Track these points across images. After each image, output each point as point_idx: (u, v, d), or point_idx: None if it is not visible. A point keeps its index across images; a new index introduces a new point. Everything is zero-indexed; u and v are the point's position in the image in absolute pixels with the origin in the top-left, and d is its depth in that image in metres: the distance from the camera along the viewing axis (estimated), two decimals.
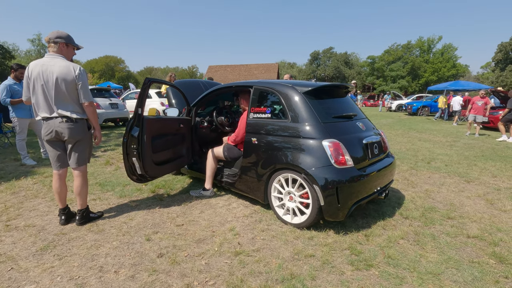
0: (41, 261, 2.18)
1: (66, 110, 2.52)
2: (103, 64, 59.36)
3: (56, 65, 2.46)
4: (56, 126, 2.53)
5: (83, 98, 2.56)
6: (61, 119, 2.52)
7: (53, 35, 2.50)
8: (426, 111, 18.28)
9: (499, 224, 2.90)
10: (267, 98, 3.11)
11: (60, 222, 2.77)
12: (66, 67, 2.47)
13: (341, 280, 2.00)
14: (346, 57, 53.40)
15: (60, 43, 2.52)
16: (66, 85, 2.47)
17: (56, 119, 2.52)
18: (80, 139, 2.64)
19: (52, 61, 2.48)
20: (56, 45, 2.51)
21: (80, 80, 2.52)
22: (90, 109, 2.62)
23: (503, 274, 2.08)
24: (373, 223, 2.87)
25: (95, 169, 4.73)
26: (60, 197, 2.74)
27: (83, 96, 2.56)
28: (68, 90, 2.49)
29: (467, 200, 3.55)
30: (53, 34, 2.50)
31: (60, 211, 2.79)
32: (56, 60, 2.49)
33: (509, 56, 41.32)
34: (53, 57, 2.50)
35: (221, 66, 40.08)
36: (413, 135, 9.22)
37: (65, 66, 2.48)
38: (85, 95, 2.57)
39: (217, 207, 3.24)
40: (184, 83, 4.55)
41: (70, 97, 2.52)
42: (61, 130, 2.54)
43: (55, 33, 2.51)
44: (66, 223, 2.77)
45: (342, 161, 2.57)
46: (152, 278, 2.01)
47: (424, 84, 42.83)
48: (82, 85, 2.54)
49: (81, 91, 2.54)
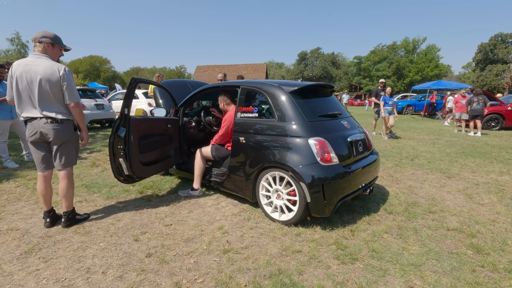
0: (26, 264, 2.14)
1: (51, 111, 2.48)
2: (87, 64, 58.06)
3: (41, 65, 2.41)
4: (40, 127, 2.48)
5: (68, 99, 2.52)
6: (45, 120, 2.47)
7: (39, 34, 2.46)
8: (411, 110, 18.82)
9: (477, 217, 3.04)
10: (254, 98, 3.15)
11: (45, 225, 2.72)
12: (50, 67, 2.43)
13: (327, 274, 2.06)
14: (333, 58, 54.13)
15: (45, 43, 2.48)
16: (50, 85, 2.43)
17: (41, 120, 2.48)
18: (66, 140, 2.60)
19: (37, 61, 2.43)
20: (41, 45, 2.47)
21: (65, 80, 2.48)
22: (76, 110, 2.59)
23: (480, 264, 2.19)
24: (359, 219, 2.95)
25: (81, 170, 4.65)
26: (45, 199, 2.69)
27: (69, 97, 2.52)
28: (53, 91, 2.45)
29: (447, 195, 3.69)
30: (39, 34, 2.46)
31: (45, 213, 2.74)
32: (41, 60, 2.44)
33: (489, 56, 42.90)
34: (37, 57, 2.45)
35: (209, 66, 39.89)
36: (398, 133, 9.45)
37: (49, 66, 2.43)
38: (71, 95, 2.53)
39: (206, 207, 3.26)
40: (171, 83, 4.53)
41: (55, 98, 2.48)
42: (46, 131, 2.49)
43: (41, 33, 2.46)
44: (52, 225, 2.73)
45: (327, 158, 2.63)
46: (141, 277, 2.01)
47: (409, 83, 43.91)
48: (68, 86, 2.49)
49: (66, 92, 2.50)
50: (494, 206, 3.32)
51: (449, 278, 2.01)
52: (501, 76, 40.54)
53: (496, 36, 42.16)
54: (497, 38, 42.09)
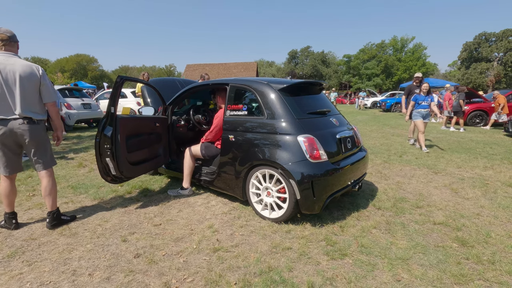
0: (8, 268, 2.08)
1: (30, 111, 2.44)
2: (74, 63, 56.79)
3: (17, 64, 2.37)
4: (16, 127, 2.40)
5: (48, 98, 2.53)
6: (22, 120, 2.41)
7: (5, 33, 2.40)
8: (399, 107, 19.10)
9: (462, 210, 3.11)
10: (243, 96, 3.13)
11: (11, 227, 2.63)
12: (28, 66, 2.41)
13: (317, 270, 2.07)
14: (323, 56, 54.48)
15: (12, 41, 2.45)
16: (30, 85, 2.41)
17: (16, 121, 2.40)
18: (42, 141, 2.56)
19: (10, 59, 2.38)
20: (7, 43, 2.41)
21: (45, 80, 2.49)
22: (54, 109, 2.60)
23: (465, 256, 2.24)
24: (348, 215, 2.98)
25: (67, 171, 4.54)
26: (10, 200, 2.61)
27: (48, 96, 2.53)
28: (31, 90, 2.43)
29: (434, 190, 3.77)
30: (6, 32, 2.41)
31: (7, 215, 2.64)
32: (14, 59, 2.40)
33: (473, 55, 43.97)
34: (8, 55, 2.40)
35: (199, 65, 39.57)
36: (387, 130, 9.61)
37: (27, 65, 2.41)
38: (50, 95, 2.54)
39: (196, 206, 3.23)
40: (159, 82, 4.47)
41: (33, 97, 2.45)
42: (22, 132, 2.42)
43: (7, 31, 2.42)
44: (18, 227, 2.66)
45: (316, 155, 2.64)
46: (129, 278, 1.98)
47: (397, 81, 44.67)
48: (46, 85, 2.50)
49: (45, 91, 2.50)
50: (478, 200, 3.41)
51: (435, 271, 2.05)
52: (485, 74, 41.66)
53: (480, 35, 43.25)
54: (481, 37, 43.19)
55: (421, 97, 6.19)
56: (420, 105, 6.20)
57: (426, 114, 6.22)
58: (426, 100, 6.15)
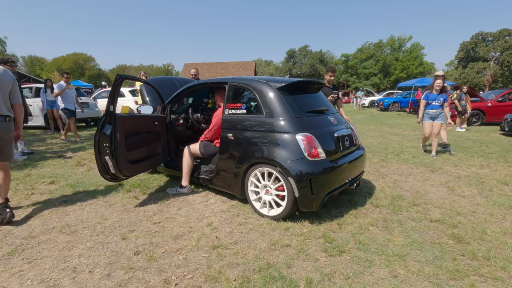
0: (9, 266, 2.09)
1: (8, 110, 2.72)
2: (71, 62, 56.45)
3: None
4: None
5: (17, 99, 2.79)
6: (3, 118, 2.68)
7: None
8: (397, 106, 19.21)
9: (458, 208, 3.15)
10: (242, 94, 3.15)
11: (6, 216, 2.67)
12: (4, 70, 2.69)
13: (315, 267, 2.10)
14: (321, 55, 54.53)
15: None
16: (8, 87, 2.70)
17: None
18: (11, 136, 2.81)
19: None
20: None
21: (16, 82, 2.78)
22: (21, 109, 2.85)
23: (460, 252, 2.28)
24: (346, 212, 3.01)
25: (65, 170, 4.54)
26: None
27: (17, 98, 2.80)
28: (7, 91, 2.70)
29: (431, 188, 3.81)
30: None
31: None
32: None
33: (470, 54, 44.14)
34: None
35: (197, 64, 39.45)
36: (384, 129, 9.66)
37: (3, 69, 2.69)
38: (19, 96, 2.82)
39: (195, 204, 3.25)
40: (158, 80, 4.47)
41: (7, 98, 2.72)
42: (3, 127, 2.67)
43: None
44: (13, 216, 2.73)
45: (314, 153, 2.67)
46: (129, 275, 1.99)
47: (395, 81, 44.79)
48: (16, 88, 2.78)
49: (15, 93, 2.77)
50: (474, 198, 3.45)
51: (432, 267, 2.09)
52: (482, 73, 41.87)
53: (477, 34, 43.44)
54: (478, 37, 43.38)
55: (432, 96, 5.42)
56: (429, 105, 5.46)
57: (436, 115, 5.45)
58: (438, 99, 5.37)
